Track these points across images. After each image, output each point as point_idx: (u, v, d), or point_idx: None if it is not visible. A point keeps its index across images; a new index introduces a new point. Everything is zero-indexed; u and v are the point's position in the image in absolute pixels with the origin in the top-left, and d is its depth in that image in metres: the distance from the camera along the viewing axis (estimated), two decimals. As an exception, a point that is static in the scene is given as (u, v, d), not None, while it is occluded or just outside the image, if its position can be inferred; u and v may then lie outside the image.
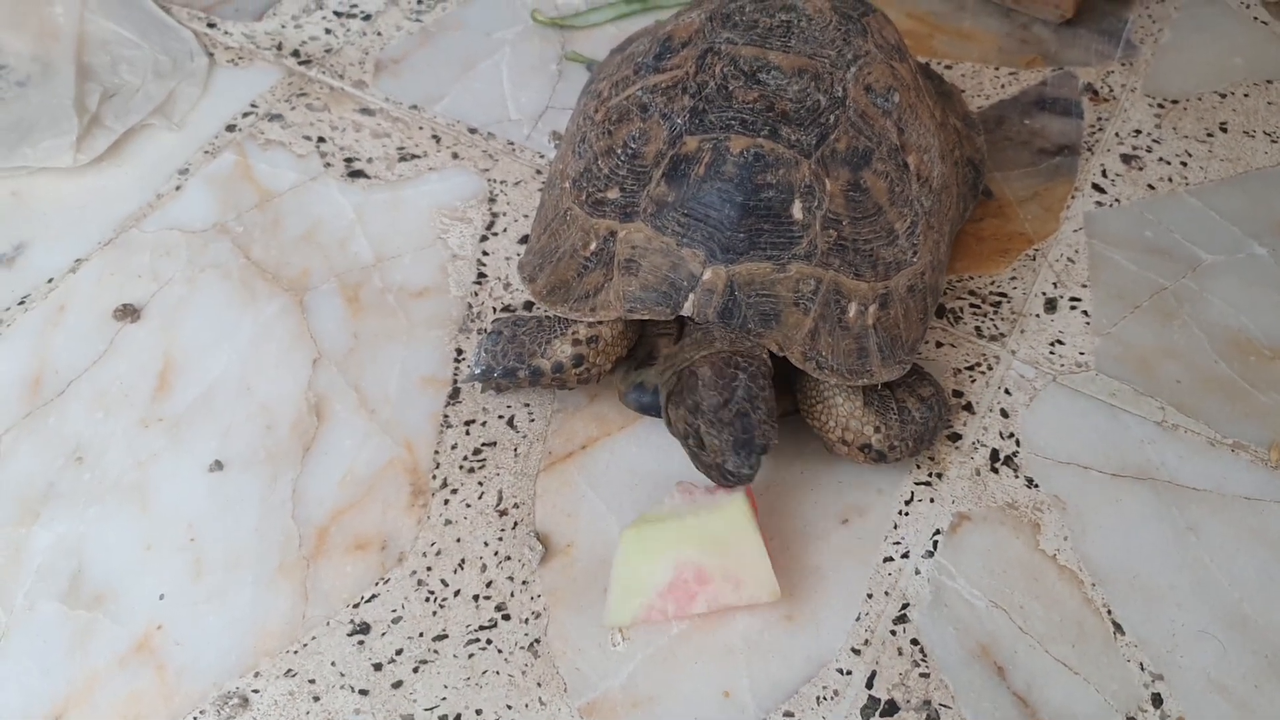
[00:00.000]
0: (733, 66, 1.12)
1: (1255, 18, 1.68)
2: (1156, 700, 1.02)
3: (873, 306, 1.09)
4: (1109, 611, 1.07)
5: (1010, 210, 1.40)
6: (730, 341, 1.06)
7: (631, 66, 1.19)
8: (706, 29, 1.16)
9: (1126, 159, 1.47)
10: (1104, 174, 1.45)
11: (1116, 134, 1.50)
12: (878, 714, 1.01)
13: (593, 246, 1.11)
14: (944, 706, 1.01)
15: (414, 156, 1.44)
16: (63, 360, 1.22)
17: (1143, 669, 1.03)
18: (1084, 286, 1.32)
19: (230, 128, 1.46)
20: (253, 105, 1.49)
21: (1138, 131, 1.51)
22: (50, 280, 1.30)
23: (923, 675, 1.03)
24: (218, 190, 1.39)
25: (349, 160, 1.43)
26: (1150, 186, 1.44)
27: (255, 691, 1.01)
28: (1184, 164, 1.46)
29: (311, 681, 1.01)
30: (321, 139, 1.45)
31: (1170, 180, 1.45)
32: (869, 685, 1.02)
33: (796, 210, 1.07)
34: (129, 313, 1.26)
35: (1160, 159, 1.47)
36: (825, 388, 1.10)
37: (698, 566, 1.03)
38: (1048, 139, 1.49)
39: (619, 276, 1.09)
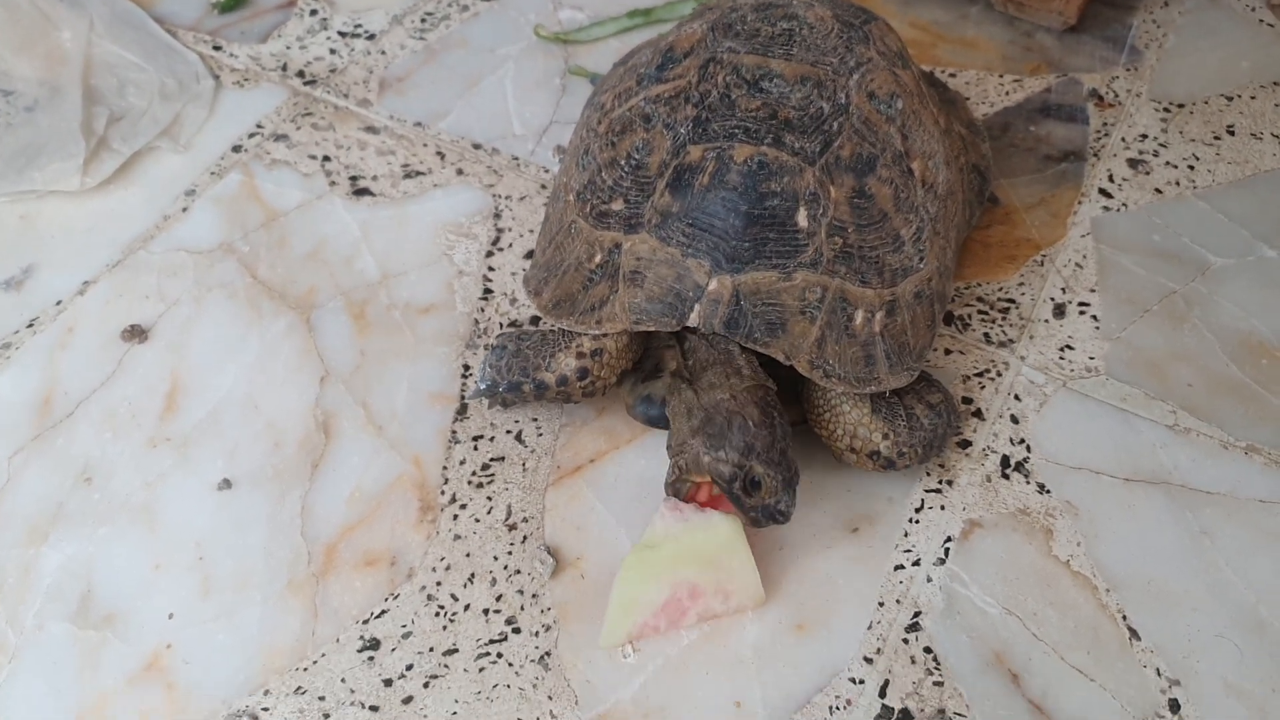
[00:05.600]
0: (735, 75, 1.12)
1: (1261, 20, 1.68)
2: (1174, 706, 1.01)
3: (879, 314, 1.09)
4: (1124, 617, 1.06)
5: (1017, 216, 1.40)
6: (751, 371, 1.06)
7: (634, 77, 1.19)
8: (709, 38, 1.16)
9: (1133, 163, 1.46)
10: (1111, 179, 1.44)
11: (1123, 139, 1.50)
12: (891, 723, 1.00)
13: (597, 259, 1.11)
14: (958, 715, 1.00)
15: (419, 173, 1.44)
16: (71, 382, 1.23)
17: (1159, 674, 1.02)
18: (1092, 291, 1.32)
19: (236, 148, 1.47)
20: (258, 126, 1.50)
21: (1144, 136, 1.50)
22: (59, 302, 1.30)
23: (936, 684, 1.02)
24: (224, 210, 1.40)
25: (354, 178, 1.43)
26: (1157, 190, 1.43)
27: (265, 709, 1.00)
28: (1191, 168, 1.46)
29: (321, 699, 1.01)
30: (327, 158, 1.46)
31: (1178, 184, 1.44)
32: (882, 694, 1.01)
33: (801, 218, 1.06)
34: (137, 333, 1.26)
35: (1167, 163, 1.47)
36: (833, 396, 1.10)
37: (692, 584, 1.04)
38: (1053, 145, 1.49)
39: (624, 288, 1.08)
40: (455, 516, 1.13)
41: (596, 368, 1.12)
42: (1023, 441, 1.18)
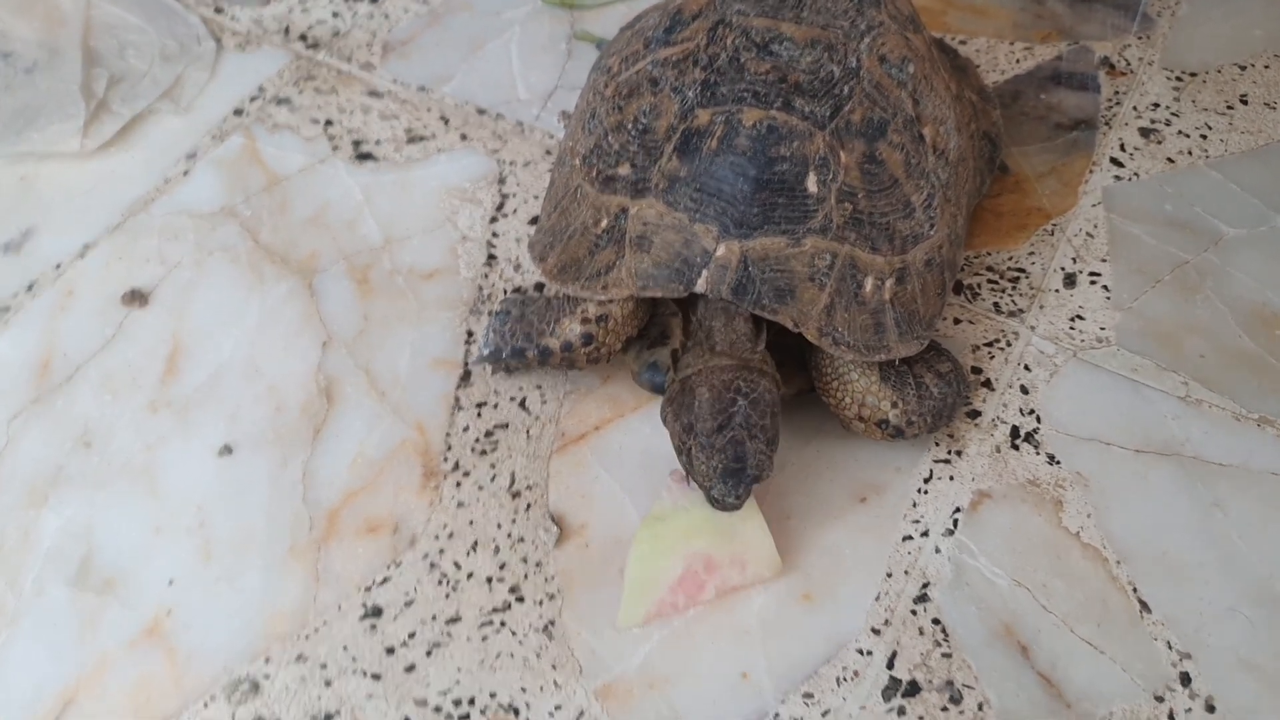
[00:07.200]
0: (744, 38, 1.10)
1: (1275, -11, 1.66)
2: (1185, 679, 1.00)
3: (889, 281, 1.07)
4: (1134, 589, 1.05)
5: (1028, 185, 1.38)
6: (740, 353, 1.05)
7: (642, 41, 1.17)
8: (717, 1, 1.14)
9: (1145, 132, 1.45)
10: (1122, 148, 1.43)
11: (1134, 107, 1.48)
12: (899, 695, 0.99)
13: (604, 224, 1.10)
14: (967, 687, 0.99)
15: (422, 138, 1.42)
16: (71, 345, 1.21)
17: (1170, 648, 1.01)
18: (1104, 261, 1.30)
19: (238, 112, 1.45)
20: (260, 89, 1.48)
21: (1156, 105, 1.48)
22: (58, 265, 1.29)
23: (945, 655, 1.01)
24: (225, 174, 1.38)
25: (357, 143, 1.41)
26: (1170, 160, 1.41)
27: (266, 676, 0.99)
28: (1204, 137, 1.44)
29: (323, 666, 1.00)
30: (329, 121, 1.44)
31: (1190, 153, 1.42)
32: (890, 666, 1.00)
33: (811, 183, 1.05)
34: (137, 297, 1.25)
35: (1180, 132, 1.45)
36: (841, 364, 1.08)
37: (706, 556, 1.03)
38: (1064, 113, 1.47)
39: (631, 254, 1.07)
40: (458, 484, 1.11)
41: (601, 334, 1.11)
42: (1032, 412, 1.17)
